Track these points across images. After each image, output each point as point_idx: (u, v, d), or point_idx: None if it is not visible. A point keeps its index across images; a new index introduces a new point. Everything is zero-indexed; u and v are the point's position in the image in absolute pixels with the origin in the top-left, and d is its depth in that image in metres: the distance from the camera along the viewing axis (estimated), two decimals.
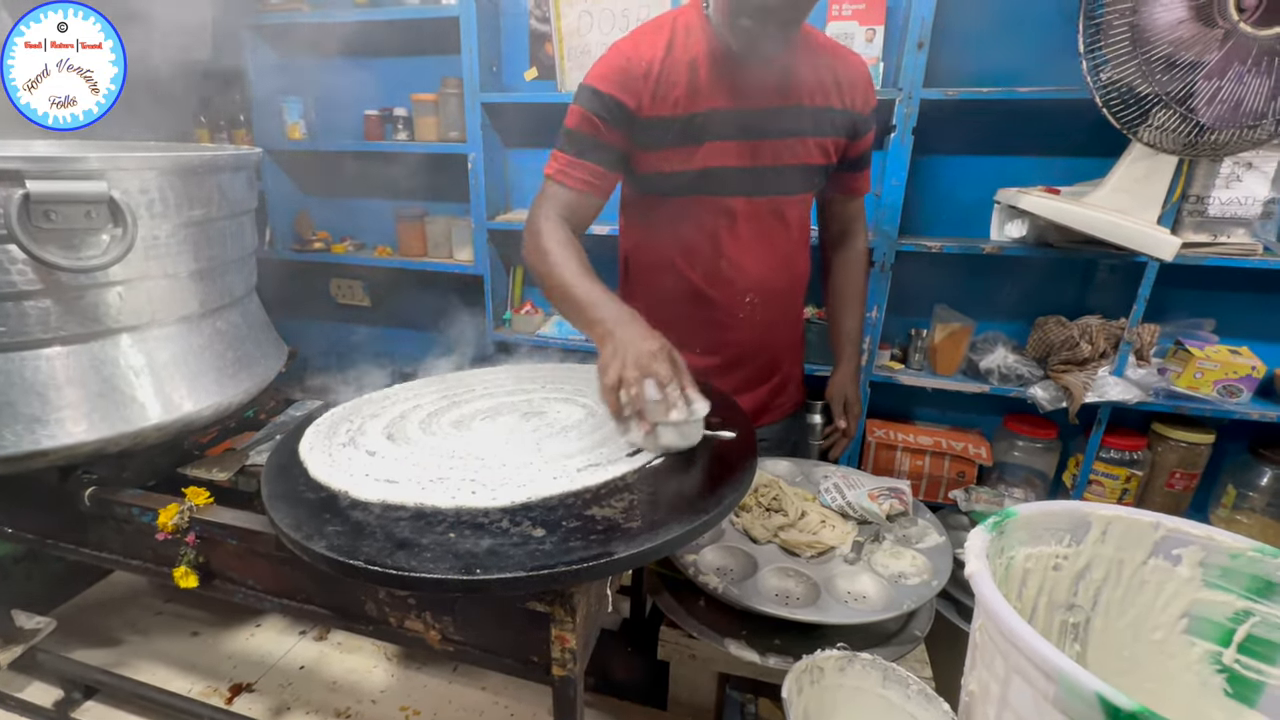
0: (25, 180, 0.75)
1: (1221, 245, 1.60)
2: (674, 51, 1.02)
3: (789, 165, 1.10)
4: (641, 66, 1.01)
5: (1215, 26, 1.27)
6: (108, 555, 0.94)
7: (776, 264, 1.21)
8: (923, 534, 1.23)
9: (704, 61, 1.02)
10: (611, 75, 1.02)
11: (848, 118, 1.12)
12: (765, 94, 1.05)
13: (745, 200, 1.11)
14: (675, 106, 1.02)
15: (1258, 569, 0.86)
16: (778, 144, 1.08)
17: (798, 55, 1.06)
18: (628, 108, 1.02)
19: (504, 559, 0.66)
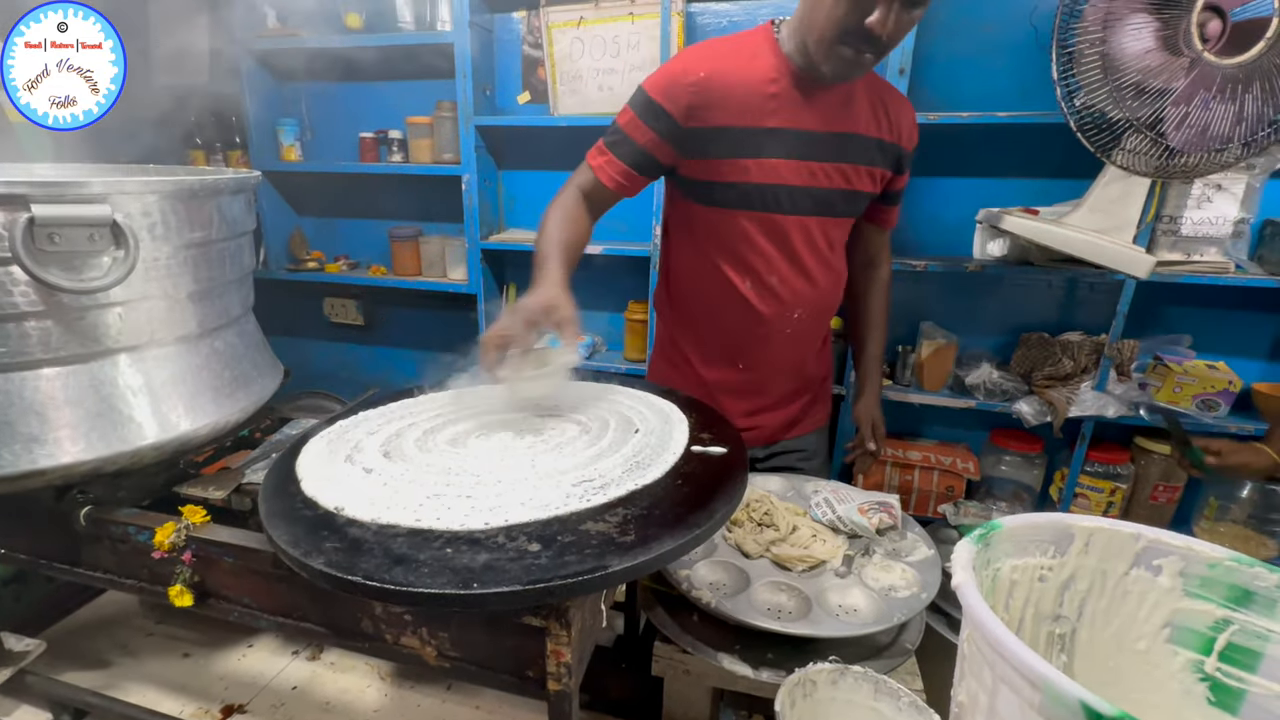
0: (31, 204, 0.77)
1: (1195, 264, 1.65)
2: (736, 67, 1.04)
3: (843, 189, 1.13)
4: (693, 76, 1.03)
5: (1181, 55, 1.33)
6: (102, 575, 0.94)
7: (824, 283, 1.23)
8: (912, 547, 1.25)
9: (768, 80, 1.04)
10: (662, 82, 1.05)
11: (896, 151, 1.17)
12: (829, 119, 1.08)
13: (800, 219, 1.13)
14: (729, 119, 1.04)
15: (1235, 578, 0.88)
16: (835, 167, 1.11)
17: (858, 85, 1.09)
18: (670, 114, 1.04)
19: (500, 573, 0.67)
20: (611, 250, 2.03)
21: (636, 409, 1.10)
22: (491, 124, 2.07)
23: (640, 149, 1.07)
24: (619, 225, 2.17)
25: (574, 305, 0.93)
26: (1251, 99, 1.33)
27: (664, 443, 0.97)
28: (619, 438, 0.98)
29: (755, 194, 1.09)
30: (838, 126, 1.08)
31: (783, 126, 1.05)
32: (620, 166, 1.09)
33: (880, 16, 0.91)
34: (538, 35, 2.06)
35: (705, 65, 1.03)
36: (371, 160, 2.22)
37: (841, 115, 1.08)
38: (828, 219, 1.15)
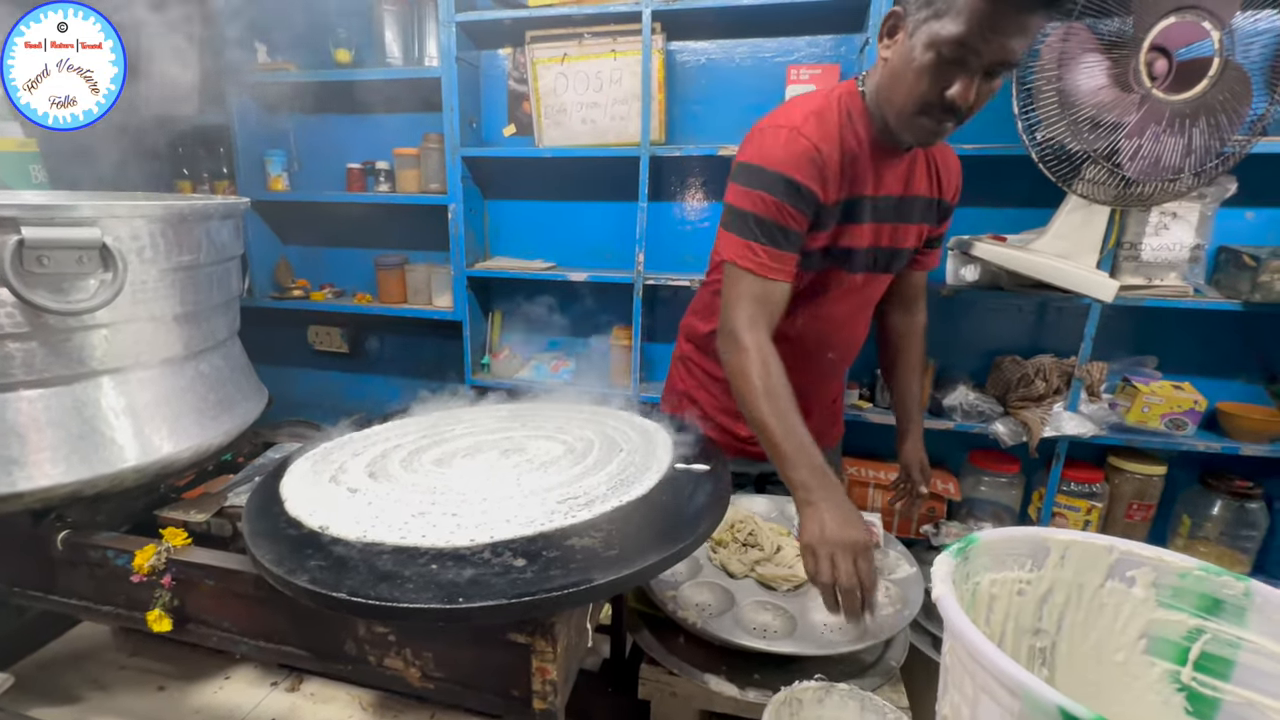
0: (21, 226, 0.78)
1: (1156, 288, 1.72)
2: (845, 140, 1.03)
3: (899, 248, 1.16)
4: (816, 151, 1.01)
5: (1131, 92, 1.41)
6: (77, 602, 0.92)
7: (860, 328, 1.28)
8: (894, 566, 1.26)
9: (862, 149, 1.05)
10: (805, 166, 1.00)
11: (941, 206, 1.20)
12: (896, 183, 1.10)
13: (855, 275, 1.15)
14: (839, 193, 1.05)
15: (1205, 587, 0.91)
16: (894, 228, 1.14)
17: (918, 153, 1.12)
18: (819, 199, 1.02)
19: (486, 588, 0.67)
20: (596, 278, 2.07)
21: (620, 429, 1.12)
22: (478, 155, 2.12)
23: (799, 235, 1.02)
24: (605, 254, 2.21)
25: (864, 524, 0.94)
26: (1199, 132, 1.41)
27: (648, 461, 0.98)
28: (603, 456, 1.00)
29: (828, 257, 1.10)
30: (901, 190, 1.10)
31: (863, 194, 1.07)
32: (792, 258, 1.03)
33: (961, 89, 0.90)
34: (523, 71, 2.13)
35: (828, 144, 1.01)
36: (358, 190, 2.25)
37: (907, 179, 1.11)
38: (881, 274, 1.18)
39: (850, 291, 1.18)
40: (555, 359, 2.23)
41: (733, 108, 2.05)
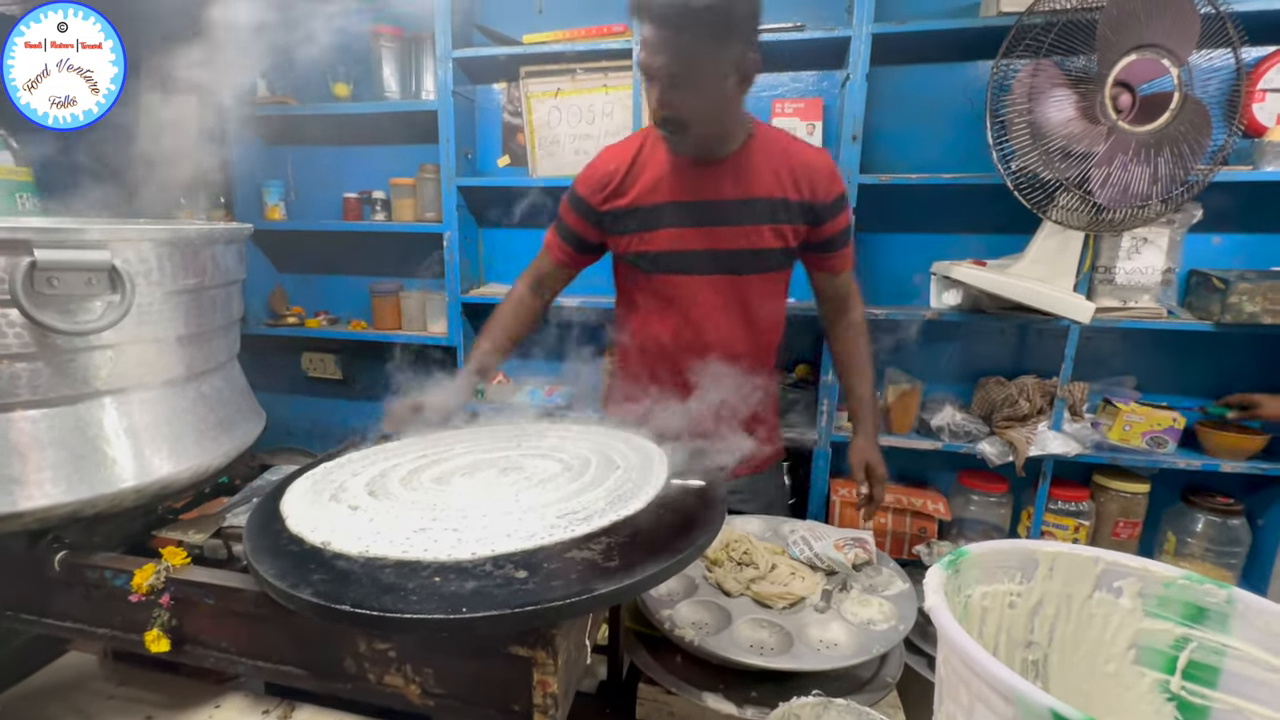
0: (34, 249, 0.80)
1: (1131, 310, 1.79)
2: (640, 157, 1.25)
3: (744, 249, 1.25)
4: (609, 169, 1.27)
5: (1099, 124, 1.49)
6: (71, 625, 0.91)
7: (740, 332, 1.32)
8: (888, 582, 1.28)
9: (663, 164, 1.23)
10: (585, 177, 1.29)
11: (804, 206, 1.25)
12: (720, 188, 1.22)
13: (705, 278, 1.27)
14: (635, 200, 1.24)
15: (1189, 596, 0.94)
16: (733, 230, 1.24)
17: (754, 154, 1.22)
18: (589, 203, 1.28)
19: (489, 598, 0.68)
20: (590, 304, 2.11)
21: (616, 447, 1.13)
22: (473, 185, 2.17)
23: (571, 229, 1.32)
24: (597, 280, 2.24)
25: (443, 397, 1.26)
26: (1164, 161, 1.49)
27: (644, 477, 1.00)
28: (600, 473, 1.01)
29: (660, 259, 1.27)
30: (731, 194, 1.22)
31: (675, 200, 1.23)
32: (561, 244, 1.34)
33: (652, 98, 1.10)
34: (517, 104, 2.19)
35: (616, 161, 1.27)
36: (355, 219, 2.29)
37: (735, 184, 1.22)
38: (737, 276, 1.27)
39: (703, 293, 1.28)
40: (549, 384, 2.25)
41: None
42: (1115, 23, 1.44)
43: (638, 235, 1.26)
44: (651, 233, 1.25)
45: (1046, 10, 1.52)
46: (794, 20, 1.86)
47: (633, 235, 1.26)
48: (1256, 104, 1.72)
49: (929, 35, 1.79)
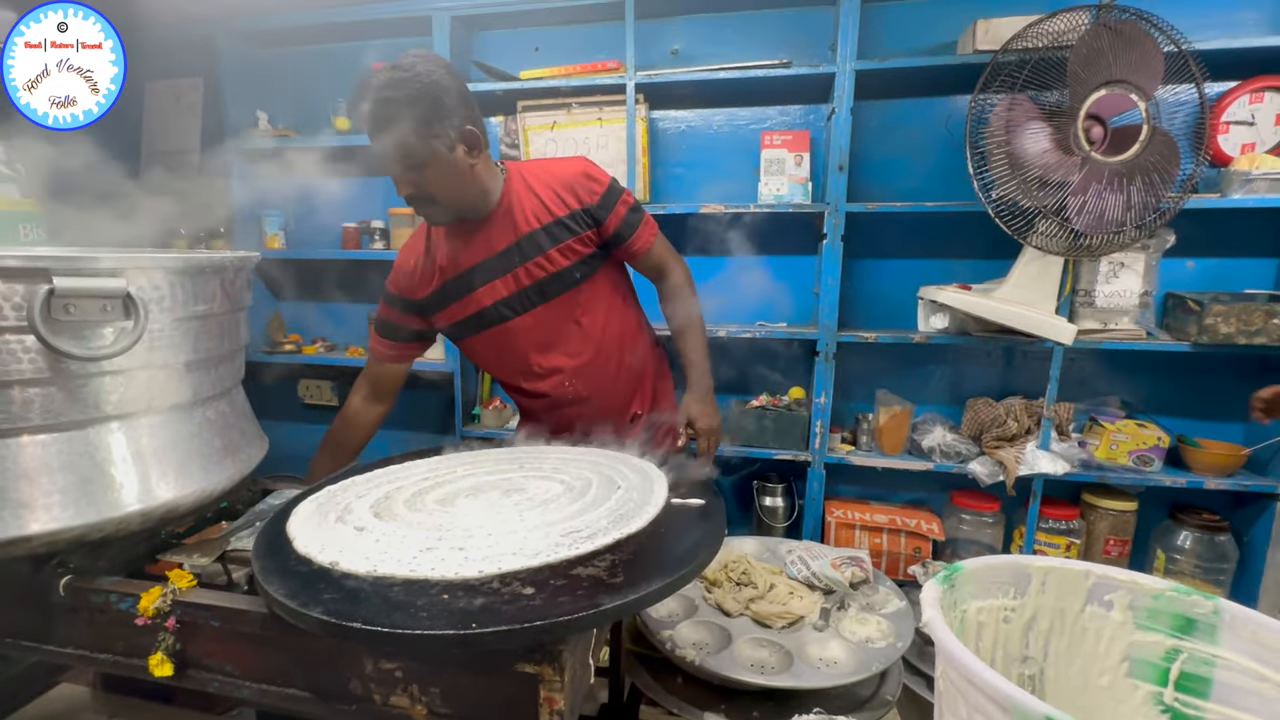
0: (53, 276, 0.82)
1: (1112, 331, 1.84)
2: (430, 245, 1.37)
3: (542, 278, 1.34)
4: (410, 265, 1.38)
5: (1073, 154, 1.56)
6: (73, 651, 0.90)
7: (579, 345, 1.41)
8: (885, 601, 1.30)
9: (448, 240, 1.35)
10: (393, 280, 1.41)
11: (579, 214, 1.34)
12: (498, 239, 1.32)
13: (527, 315, 1.36)
14: (440, 279, 1.35)
15: (1178, 607, 0.96)
16: (526, 267, 1.33)
17: (515, 196, 1.32)
18: (405, 297, 1.39)
19: (497, 614, 0.70)
20: None
21: (617, 469, 1.15)
22: None
23: (395, 325, 1.42)
24: None
25: None
26: (1136, 190, 1.56)
27: (645, 497, 1.02)
28: (602, 494, 1.03)
29: (482, 317, 1.36)
30: (505, 242, 1.32)
31: (470, 265, 1.33)
32: (387, 343, 1.43)
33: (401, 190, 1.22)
34: (514, 136, 2.26)
35: (412, 256, 1.39)
36: (353, 248, 2.32)
37: (502, 233, 1.32)
38: (556, 299, 1.36)
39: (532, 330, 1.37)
40: None
41: (712, 170, 2.19)
42: (1085, 60, 1.52)
43: (457, 304, 1.36)
44: (466, 297, 1.35)
45: (1020, 49, 1.60)
46: (781, 58, 1.94)
47: (453, 306, 1.37)
48: (1221, 135, 1.80)
49: (909, 72, 1.87)
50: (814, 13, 2.04)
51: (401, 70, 1.17)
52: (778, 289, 2.21)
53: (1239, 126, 1.80)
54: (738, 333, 2.04)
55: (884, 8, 1.98)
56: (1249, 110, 1.79)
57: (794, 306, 2.19)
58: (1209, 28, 1.76)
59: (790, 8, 2.04)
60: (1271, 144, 1.79)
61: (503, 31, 2.26)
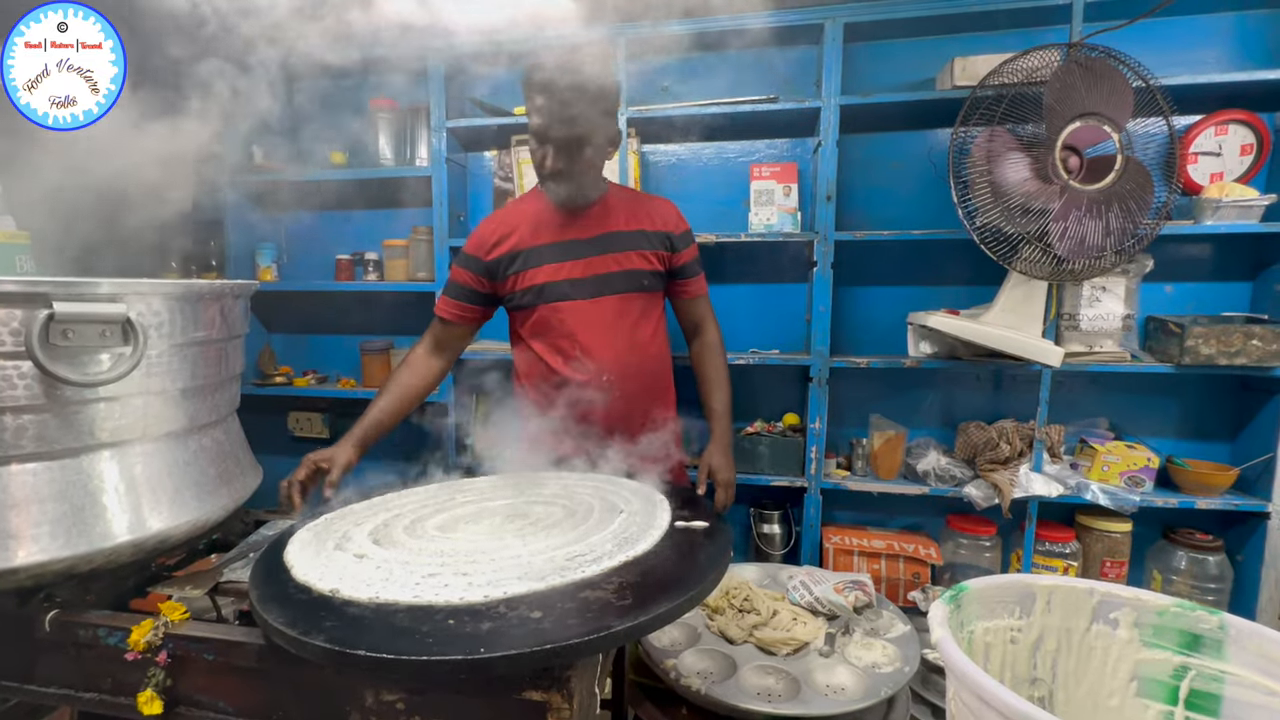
0: (53, 301, 0.81)
1: (1098, 354, 1.88)
2: (513, 215, 1.48)
3: (615, 271, 1.44)
4: (489, 229, 1.48)
5: (1052, 183, 1.62)
6: (57, 690, 0.86)
7: (626, 348, 1.47)
8: (889, 625, 1.28)
9: (532, 216, 1.46)
10: (471, 241, 1.50)
11: (660, 235, 1.48)
12: (587, 227, 1.44)
13: (586, 302, 1.44)
14: (512, 247, 1.44)
15: (1183, 623, 0.96)
16: (602, 258, 1.43)
17: (611, 201, 1.46)
18: (477, 257, 1.47)
19: (506, 638, 0.68)
20: None
21: (619, 493, 1.15)
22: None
23: (463, 286, 1.49)
24: None
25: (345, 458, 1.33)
26: (1114, 216, 1.61)
27: (649, 520, 1.01)
28: (604, 518, 1.02)
29: (542, 292, 1.44)
30: (596, 231, 1.44)
31: (547, 242, 1.44)
32: (453, 302, 1.51)
33: (541, 155, 1.34)
34: (508, 170, 2.29)
35: (495, 219, 1.50)
36: (347, 279, 2.33)
37: (597, 225, 1.45)
38: (613, 296, 1.45)
39: (586, 316, 1.44)
40: None
41: (702, 201, 2.23)
42: (1058, 94, 1.59)
43: (522, 274, 1.44)
44: (534, 269, 1.44)
45: (996, 84, 1.67)
46: (768, 93, 2.00)
47: (518, 274, 1.45)
48: (1190, 165, 1.88)
49: (891, 106, 1.94)
50: (799, 51, 2.12)
51: (596, 58, 1.31)
52: (770, 316, 2.23)
53: (1206, 157, 1.88)
54: (732, 360, 2.04)
55: (865, 46, 2.06)
56: (1215, 141, 1.87)
57: (786, 333, 2.21)
58: (1174, 64, 1.85)
59: (776, 46, 2.12)
60: (1238, 173, 1.86)
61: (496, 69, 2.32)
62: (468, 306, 1.51)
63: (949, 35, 2.01)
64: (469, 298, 1.50)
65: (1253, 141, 1.85)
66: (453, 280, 1.51)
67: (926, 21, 1.92)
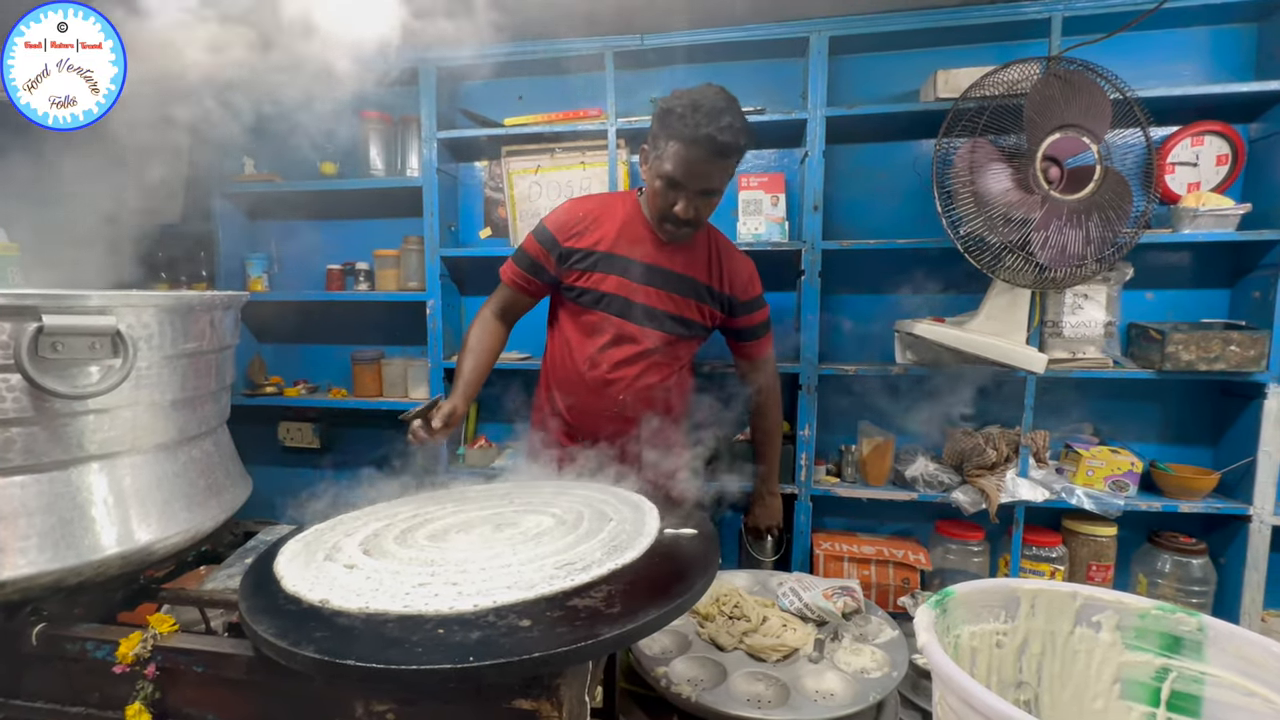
0: (42, 314, 0.82)
1: (1081, 360, 1.91)
2: (604, 211, 1.48)
3: (668, 311, 1.47)
4: (578, 215, 1.48)
5: (1034, 193, 1.65)
6: (43, 705, 0.86)
7: (648, 380, 1.50)
8: (878, 631, 1.30)
9: (622, 222, 1.46)
10: (555, 219, 1.49)
11: (724, 298, 1.52)
12: (671, 261, 1.46)
13: (631, 325, 1.46)
14: (592, 244, 1.45)
15: (1164, 626, 0.98)
16: (662, 293, 1.46)
17: (699, 245, 1.49)
18: (556, 238, 1.47)
19: (495, 647, 0.69)
20: None
21: (608, 501, 1.15)
22: (456, 255, 2.24)
23: (533, 260, 1.49)
24: None
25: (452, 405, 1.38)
26: (1094, 225, 1.65)
27: (638, 528, 1.02)
28: (594, 526, 1.03)
29: (600, 299, 1.46)
30: (668, 265, 1.46)
31: (625, 255, 1.45)
32: (520, 273, 1.51)
33: (683, 206, 1.34)
34: (498, 180, 2.31)
35: (584, 207, 1.50)
36: (338, 289, 2.33)
37: (680, 261, 1.47)
38: (656, 331, 1.47)
39: (623, 336, 1.47)
40: None
41: None
42: (1038, 107, 1.62)
43: (589, 274, 1.46)
44: (603, 275, 1.45)
45: (978, 96, 1.70)
46: (755, 105, 2.03)
47: (585, 272, 1.46)
48: (1168, 175, 1.92)
49: (876, 118, 1.97)
50: (785, 64, 2.15)
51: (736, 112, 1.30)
52: None
53: (1183, 167, 1.92)
54: (722, 368, 2.07)
55: (850, 59, 2.10)
56: (1192, 152, 1.91)
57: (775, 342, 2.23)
58: (1150, 77, 1.89)
59: (762, 59, 2.16)
60: (1214, 183, 1.91)
61: (487, 81, 2.34)
62: (531, 280, 1.51)
63: (932, 48, 2.05)
64: (534, 271, 1.50)
65: (1228, 152, 1.89)
66: (524, 249, 1.51)
67: (910, 35, 1.96)
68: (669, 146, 1.30)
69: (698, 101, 1.27)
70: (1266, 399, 1.79)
